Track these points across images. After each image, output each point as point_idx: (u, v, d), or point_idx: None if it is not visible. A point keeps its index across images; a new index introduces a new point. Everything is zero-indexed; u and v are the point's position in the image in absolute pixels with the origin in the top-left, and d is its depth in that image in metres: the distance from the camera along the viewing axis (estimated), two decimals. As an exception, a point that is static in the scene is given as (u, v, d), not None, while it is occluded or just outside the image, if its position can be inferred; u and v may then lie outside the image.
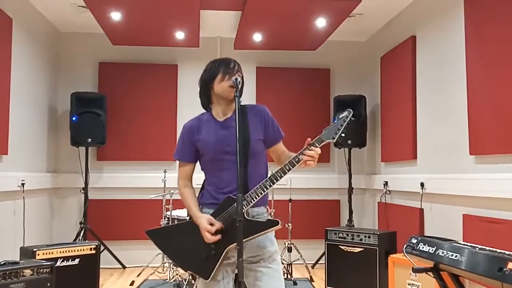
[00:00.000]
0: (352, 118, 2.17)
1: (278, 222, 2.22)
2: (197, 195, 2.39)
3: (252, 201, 2.18)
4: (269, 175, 2.21)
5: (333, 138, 2.17)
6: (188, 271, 2.26)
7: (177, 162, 2.44)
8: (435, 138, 4.44)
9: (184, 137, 2.35)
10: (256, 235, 2.20)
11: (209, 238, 2.18)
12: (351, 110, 2.22)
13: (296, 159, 2.16)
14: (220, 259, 2.21)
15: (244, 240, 2.07)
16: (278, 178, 2.17)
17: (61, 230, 5.81)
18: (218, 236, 2.18)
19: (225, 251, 2.21)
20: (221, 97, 2.31)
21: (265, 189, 2.17)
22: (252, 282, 2.26)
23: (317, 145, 2.15)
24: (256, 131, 2.30)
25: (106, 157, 5.93)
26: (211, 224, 2.19)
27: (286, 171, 2.16)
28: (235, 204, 2.13)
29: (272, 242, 2.31)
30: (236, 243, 2.06)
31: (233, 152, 2.18)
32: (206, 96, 2.36)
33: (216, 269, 2.22)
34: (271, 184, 2.17)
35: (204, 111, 2.42)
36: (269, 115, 2.37)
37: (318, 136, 2.18)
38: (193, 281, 4.25)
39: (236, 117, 2.14)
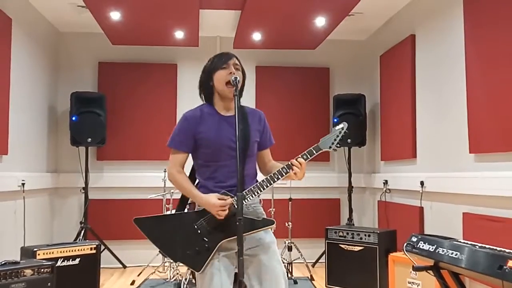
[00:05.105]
0: (346, 131, 2.33)
1: (273, 222, 2.32)
2: None
3: (249, 199, 2.26)
4: (268, 175, 2.28)
5: (330, 147, 2.29)
6: (178, 263, 2.32)
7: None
8: (435, 137, 4.44)
9: (184, 126, 2.38)
10: (249, 233, 2.25)
11: (222, 214, 2.21)
12: (347, 123, 2.33)
13: (287, 167, 2.23)
14: (213, 253, 2.24)
15: (234, 237, 2.12)
16: (275, 180, 2.26)
17: (61, 230, 5.81)
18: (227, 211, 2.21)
19: (218, 245, 2.24)
20: (221, 95, 2.36)
21: (262, 189, 2.26)
22: (252, 272, 2.30)
23: (315, 152, 2.26)
24: (255, 133, 2.40)
25: (106, 156, 5.93)
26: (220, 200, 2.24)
27: (284, 174, 2.25)
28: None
29: (267, 232, 2.36)
30: (229, 238, 2.20)
31: (234, 148, 2.22)
32: (207, 89, 2.40)
33: (208, 262, 2.24)
34: (268, 185, 2.26)
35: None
36: (266, 121, 2.50)
37: (316, 144, 2.29)
38: (193, 280, 4.25)
39: (236, 116, 2.19)
